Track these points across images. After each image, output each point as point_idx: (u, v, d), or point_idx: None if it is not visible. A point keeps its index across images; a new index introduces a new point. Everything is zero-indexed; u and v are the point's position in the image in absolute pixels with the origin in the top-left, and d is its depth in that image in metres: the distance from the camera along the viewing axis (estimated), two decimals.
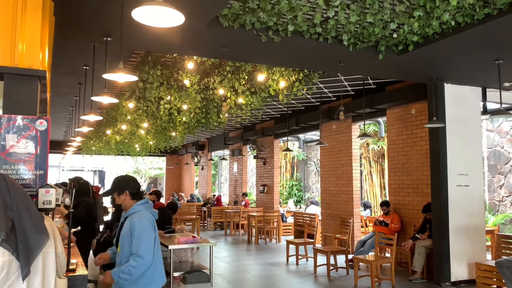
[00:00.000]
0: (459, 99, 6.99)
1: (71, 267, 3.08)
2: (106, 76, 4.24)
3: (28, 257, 1.73)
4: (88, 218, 5.35)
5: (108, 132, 12.11)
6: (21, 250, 1.71)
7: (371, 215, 11.36)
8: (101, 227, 6.81)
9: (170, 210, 7.19)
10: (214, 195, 16.57)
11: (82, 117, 6.92)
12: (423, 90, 7.16)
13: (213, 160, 18.00)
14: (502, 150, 10.37)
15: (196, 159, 18.52)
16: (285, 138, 12.16)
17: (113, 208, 7.18)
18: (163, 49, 5.56)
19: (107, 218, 8.45)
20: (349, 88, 8.49)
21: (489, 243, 7.97)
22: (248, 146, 14.14)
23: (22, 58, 2.49)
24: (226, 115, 9.19)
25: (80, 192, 5.23)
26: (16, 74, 2.48)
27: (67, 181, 5.57)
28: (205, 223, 15.04)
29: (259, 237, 11.22)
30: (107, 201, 6.00)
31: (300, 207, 15.61)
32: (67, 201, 4.09)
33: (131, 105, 8.62)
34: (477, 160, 7.07)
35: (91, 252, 5.80)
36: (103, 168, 35.71)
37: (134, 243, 2.89)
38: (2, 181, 1.77)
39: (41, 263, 1.81)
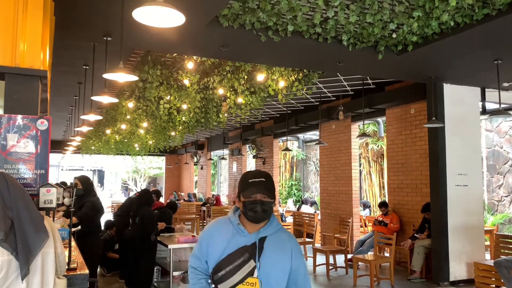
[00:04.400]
0: (458, 99, 7.00)
1: (72, 265, 3.09)
2: (106, 75, 4.24)
3: (27, 257, 1.72)
4: (96, 218, 5.25)
5: (108, 131, 12.10)
6: (20, 249, 1.70)
7: (370, 214, 11.37)
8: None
9: (170, 210, 7.24)
10: (213, 195, 16.55)
11: (82, 117, 6.92)
12: (422, 90, 7.17)
13: (213, 159, 17.98)
14: (501, 150, 10.38)
15: (195, 159, 18.51)
16: (285, 137, 12.16)
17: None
18: (163, 49, 5.56)
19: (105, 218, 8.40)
20: (348, 88, 8.49)
21: (487, 243, 7.99)
22: (247, 145, 14.14)
23: (23, 58, 2.50)
24: (226, 114, 9.19)
25: (86, 192, 5.12)
26: (17, 74, 2.48)
27: (73, 179, 5.45)
28: (204, 222, 15.03)
29: None
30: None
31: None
32: (67, 200, 4.06)
33: (130, 104, 8.61)
34: (476, 160, 7.08)
35: None
36: (102, 167, 35.71)
37: (303, 269, 2.11)
38: (2, 180, 1.75)
39: (40, 262, 1.80)
